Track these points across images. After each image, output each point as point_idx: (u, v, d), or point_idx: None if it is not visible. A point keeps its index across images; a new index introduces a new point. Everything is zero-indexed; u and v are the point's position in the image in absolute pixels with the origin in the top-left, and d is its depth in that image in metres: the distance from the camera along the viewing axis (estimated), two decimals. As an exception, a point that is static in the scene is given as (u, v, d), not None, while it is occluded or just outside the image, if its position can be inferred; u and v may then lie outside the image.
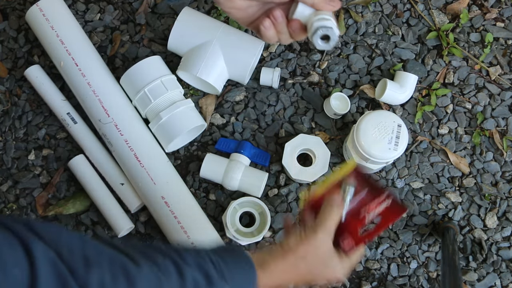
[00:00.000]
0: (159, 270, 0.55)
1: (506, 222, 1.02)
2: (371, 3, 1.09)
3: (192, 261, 0.59)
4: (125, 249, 0.55)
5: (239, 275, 0.63)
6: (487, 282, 1.00)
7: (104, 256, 0.52)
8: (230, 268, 0.62)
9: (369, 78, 1.07)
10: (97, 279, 0.50)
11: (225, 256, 0.63)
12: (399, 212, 0.79)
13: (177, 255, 0.58)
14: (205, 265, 0.60)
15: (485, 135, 1.05)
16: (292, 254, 0.69)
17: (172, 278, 0.56)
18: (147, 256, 0.56)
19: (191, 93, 1.07)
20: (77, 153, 1.02)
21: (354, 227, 0.78)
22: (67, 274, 0.48)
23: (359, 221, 0.79)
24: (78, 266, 0.50)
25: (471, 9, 1.10)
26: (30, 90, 1.06)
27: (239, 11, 0.78)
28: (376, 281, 1.00)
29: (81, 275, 0.49)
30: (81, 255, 0.50)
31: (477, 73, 1.07)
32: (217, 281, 0.59)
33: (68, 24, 1.02)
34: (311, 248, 0.70)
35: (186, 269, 0.57)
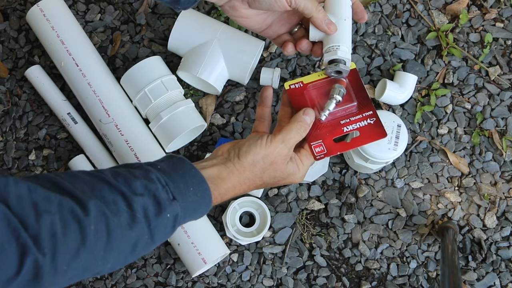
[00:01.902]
0: (107, 208, 0.56)
1: (506, 222, 1.02)
2: (370, 4, 1.10)
3: (141, 188, 0.59)
4: (71, 190, 0.55)
5: (192, 194, 0.63)
6: (486, 281, 1.00)
7: (52, 203, 0.53)
8: (181, 188, 0.62)
9: (368, 78, 1.07)
10: (48, 228, 0.51)
11: (175, 176, 0.62)
12: (378, 134, 0.77)
13: (126, 185, 0.58)
14: (155, 190, 0.59)
15: (485, 135, 1.05)
16: (250, 171, 0.68)
17: (121, 213, 0.56)
18: (94, 193, 0.56)
19: (191, 93, 1.07)
20: (77, 153, 1.03)
21: (330, 134, 0.76)
22: (19, 226, 0.49)
23: (337, 129, 0.77)
24: (29, 216, 0.50)
25: (471, 9, 1.10)
26: (31, 90, 1.07)
27: (246, 20, 0.78)
28: (376, 280, 1.00)
29: (32, 225, 0.50)
30: (30, 204, 0.51)
31: (477, 73, 1.08)
32: (167, 205, 0.60)
33: (69, 25, 1.02)
34: (270, 164, 0.69)
35: (134, 199, 0.58)
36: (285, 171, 0.70)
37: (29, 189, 0.52)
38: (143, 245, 0.59)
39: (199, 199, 0.64)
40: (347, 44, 0.76)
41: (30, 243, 0.50)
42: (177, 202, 0.61)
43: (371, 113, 0.78)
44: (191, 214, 0.64)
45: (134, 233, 0.57)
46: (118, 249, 0.57)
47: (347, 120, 0.78)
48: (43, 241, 0.50)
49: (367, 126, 0.77)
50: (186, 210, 0.62)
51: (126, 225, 0.57)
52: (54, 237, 0.51)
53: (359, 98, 0.78)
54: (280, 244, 1.01)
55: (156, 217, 0.59)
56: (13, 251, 0.49)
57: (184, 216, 0.63)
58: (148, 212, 0.58)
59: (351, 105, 0.77)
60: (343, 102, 0.77)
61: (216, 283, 1.00)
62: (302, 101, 0.77)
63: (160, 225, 0.60)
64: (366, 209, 1.02)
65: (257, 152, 0.68)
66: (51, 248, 0.51)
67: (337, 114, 0.77)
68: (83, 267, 0.54)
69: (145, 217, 0.58)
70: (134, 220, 0.57)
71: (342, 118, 0.78)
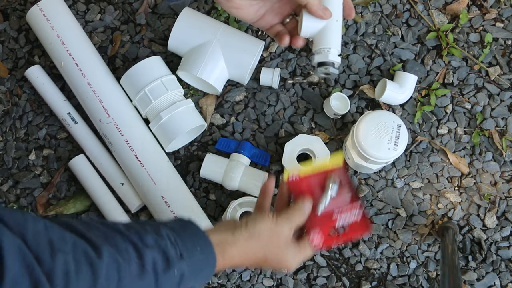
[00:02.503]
0: (119, 255, 0.56)
1: (506, 222, 1.02)
2: (370, 4, 1.10)
3: (152, 242, 0.60)
4: (86, 233, 0.56)
5: (199, 253, 0.64)
6: (486, 281, 1.00)
7: (67, 243, 0.53)
8: (189, 247, 0.63)
9: (368, 78, 1.07)
10: (62, 267, 0.51)
11: (184, 235, 0.64)
12: (364, 228, 0.81)
13: (137, 237, 0.59)
14: (165, 246, 0.61)
15: (485, 135, 1.05)
16: (256, 241, 0.69)
17: (131, 262, 0.57)
18: (108, 240, 0.57)
19: (191, 93, 1.07)
20: (77, 153, 1.03)
21: (326, 226, 0.81)
22: (34, 262, 0.50)
23: (331, 221, 0.81)
24: (44, 253, 0.51)
25: (471, 9, 1.10)
26: (31, 90, 1.07)
27: (239, 10, 0.79)
28: (376, 280, 1.00)
29: (47, 262, 0.51)
30: (46, 241, 0.52)
31: (477, 73, 1.08)
32: (175, 262, 0.60)
33: (69, 25, 1.02)
34: (274, 238, 0.70)
35: (145, 251, 0.59)
36: (283, 253, 0.72)
37: (46, 226, 0.53)
38: None
39: (204, 260, 0.65)
40: (338, 46, 0.78)
41: (44, 279, 0.50)
42: (184, 261, 0.62)
43: (359, 209, 0.83)
44: (197, 274, 0.64)
45: (143, 283, 0.58)
46: None
47: (338, 215, 0.83)
48: (56, 279, 0.51)
49: (355, 221, 0.83)
50: (192, 270, 0.63)
51: (135, 275, 0.57)
52: (67, 276, 0.51)
53: (348, 193, 0.83)
54: (280, 244, 1.01)
55: (164, 272, 0.60)
56: (26, 286, 0.49)
57: (190, 277, 0.63)
58: (157, 266, 0.59)
59: (343, 201, 0.83)
60: (336, 198, 0.83)
61: (216, 283, 1.00)
62: (299, 193, 0.82)
63: (167, 281, 0.60)
64: (366, 209, 1.02)
65: (264, 223, 0.70)
66: (64, 286, 0.51)
67: (329, 208, 0.82)
68: None
69: (154, 271, 0.59)
70: (144, 271, 0.58)
71: (334, 210, 0.83)
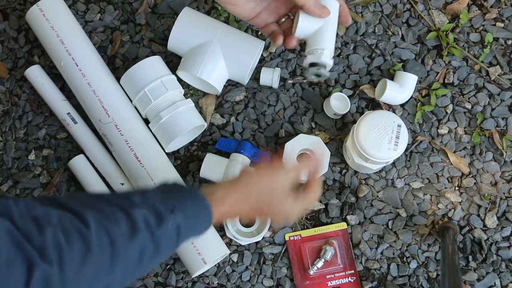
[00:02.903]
0: (105, 219, 0.56)
1: (506, 222, 1.02)
2: (371, 3, 1.09)
3: (139, 201, 0.60)
4: (69, 205, 0.56)
5: (190, 209, 0.63)
6: (486, 282, 1.00)
7: (52, 216, 0.53)
8: (180, 202, 0.62)
9: (369, 78, 1.07)
10: (52, 239, 0.51)
11: (171, 194, 0.64)
12: None
13: (123, 199, 0.59)
14: (153, 203, 0.60)
15: (485, 135, 1.05)
16: (247, 188, 0.69)
17: (120, 222, 0.57)
18: (92, 207, 0.57)
19: (191, 93, 1.07)
20: (77, 153, 1.02)
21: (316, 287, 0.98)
22: (23, 240, 0.50)
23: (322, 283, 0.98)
24: (32, 230, 0.51)
25: (471, 9, 1.10)
26: (31, 90, 1.06)
27: (235, 7, 0.80)
28: (376, 280, 1.00)
29: (36, 238, 0.51)
30: (31, 219, 0.52)
31: (477, 73, 1.07)
32: (167, 216, 0.60)
33: (69, 24, 1.02)
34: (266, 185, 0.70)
35: (134, 210, 0.58)
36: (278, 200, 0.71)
37: (27, 206, 0.53)
38: (150, 255, 0.59)
39: (198, 212, 0.64)
40: (331, 49, 0.79)
41: (36, 255, 0.50)
42: (177, 215, 0.61)
43: (353, 272, 0.98)
44: (194, 227, 0.64)
45: (137, 242, 0.58)
46: (125, 258, 0.57)
47: (332, 275, 0.98)
48: (48, 252, 0.51)
49: (347, 284, 0.98)
50: (187, 223, 0.62)
51: (127, 233, 0.57)
52: (59, 247, 0.51)
53: (345, 259, 0.99)
54: (280, 244, 1.01)
55: (158, 227, 0.59)
56: (19, 265, 0.49)
57: (187, 230, 0.63)
58: (149, 222, 0.59)
59: (337, 266, 0.99)
60: (331, 261, 0.98)
61: (216, 283, 1.00)
62: (298, 252, 0.99)
63: (164, 235, 0.60)
64: (366, 209, 1.02)
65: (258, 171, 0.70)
66: (58, 258, 0.51)
67: (324, 269, 0.98)
68: (92, 276, 0.54)
69: (147, 227, 0.58)
70: (136, 229, 0.58)
71: (328, 273, 0.98)
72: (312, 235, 1.00)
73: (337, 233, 1.00)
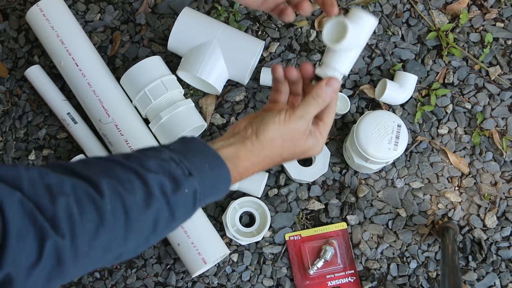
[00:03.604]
0: (121, 186, 0.54)
1: (506, 222, 1.02)
2: (371, 3, 1.10)
3: (155, 167, 0.57)
4: (83, 172, 0.54)
5: (208, 170, 0.61)
6: (486, 282, 1.00)
7: (66, 185, 0.52)
8: (196, 165, 0.60)
9: (369, 78, 1.07)
10: (64, 210, 0.50)
11: (188, 153, 0.61)
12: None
13: (138, 165, 0.57)
14: (169, 168, 0.58)
15: (485, 135, 1.05)
16: (269, 149, 0.66)
17: (136, 191, 0.55)
18: (107, 174, 0.55)
19: (191, 93, 1.07)
20: (77, 153, 1.02)
21: (316, 286, 0.98)
22: (35, 211, 0.49)
23: (322, 283, 0.98)
24: (44, 199, 0.50)
25: (471, 9, 1.10)
26: (31, 90, 1.06)
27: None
28: (376, 280, 1.00)
29: (48, 208, 0.49)
30: (43, 187, 0.50)
31: (477, 73, 1.08)
32: (183, 181, 0.58)
33: (69, 24, 1.02)
34: (288, 140, 0.66)
35: (149, 176, 0.56)
36: (305, 146, 0.68)
37: (40, 173, 0.52)
38: (164, 223, 0.57)
39: (216, 175, 0.61)
40: (346, 73, 0.71)
41: (48, 226, 0.49)
42: (194, 178, 0.59)
43: (353, 272, 0.98)
44: (211, 190, 0.61)
45: (152, 210, 0.56)
46: (139, 228, 0.55)
47: (332, 275, 0.99)
48: (60, 223, 0.49)
49: (347, 284, 0.98)
50: (204, 186, 0.60)
51: (142, 202, 0.55)
52: (71, 218, 0.50)
53: (345, 259, 0.99)
54: (280, 244, 1.01)
55: (174, 193, 0.57)
56: (31, 236, 0.48)
57: (204, 193, 0.60)
58: (165, 188, 0.56)
59: (337, 266, 0.99)
60: (331, 261, 0.98)
61: (216, 283, 1.00)
62: (298, 252, 0.99)
63: (179, 201, 0.57)
64: (366, 209, 1.02)
65: (275, 129, 0.66)
66: (70, 230, 0.50)
67: (324, 269, 0.99)
68: (104, 248, 0.53)
69: (163, 194, 0.56)
70: (151, 196, 0.55)
71: (328, 273, 0.99)
72: (312, 235, 1.00)
73: (337, 233, 1.00)
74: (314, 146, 0.69)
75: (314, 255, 1.00)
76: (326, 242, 0.99)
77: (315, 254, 1.00)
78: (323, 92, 0.68)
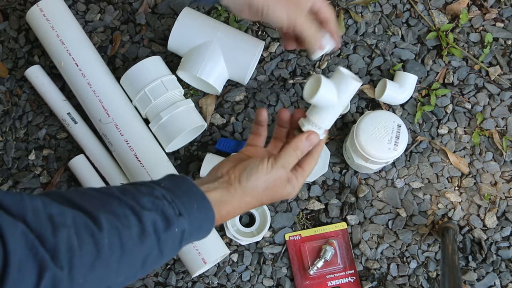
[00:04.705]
0: (118, 221, 0.56)
1: (506, 222, 1.02)
2: (370, 4, 1.10)
3: (149, 204, 0.60)
4: (82, 204, 0.56)
5: (196, 211, 0.64)
6: (486, 282, 1.00)
7: (67, 217, 0.53)
8: (186, 205, 0.63)
9: (369, 78, 1.07)
10: (65, 242, 0.51)
11: (179, 193, 0.63)
12: None
13: (133, 201, 0.59)
14: (163, 206, 0.60)
15: (485, 135, 1.05)
16: (251, 196, 0.69)
17: (132, 227, 0.57)
18: (105, 208, 0.57)
19: (191, 93, 1.07)
20: (77, 153, 1.03)
21: (316, 286, 0.98)
22: (37, 243, 0.50)
23: (322, 282, 0.98)
24: (46, 230, 0.51)
25: (471, 9, 1.10)
26: (31, 90, 1.06)
27: None
28: (376, 280, 1.00)
29: (50, 240, 0.51)
30: (46, 217, 0.52)
31: (477, 73, 1.08)
32: (174, 220, 0.60)
33: (69, 25, 1.02)
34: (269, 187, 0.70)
35: (144, 214, 0.59)
36: (282, 192, 0.72)
37: (43, 203, 0.53)
38: (153, 260, 0.60)
39: (203, 216, 0.65)
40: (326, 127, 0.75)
41: (48, 258, 0.50)
42: (184, 218, 0.62)
43: (353, 272, 0.99)
44: (197, 231, 0.65)
45: (144, 246, 0.58)
46: (130, 262, 0.57)
47: (332, 275, 0.99)
48: (60, 255, 0.51)
49: (347, 284, 0.98)
50: (192, 226, 0.63)
51: (137, 238, 0.57)
52: (71, 250, 0.52)
53: (345, 259, 0.99)
54: (280, 244, 1.01)
55: (165, 231, 0.60)
56: (30, 267, 0.49)
57: (191, 233, 0.63)
58: (157, 226, 0.59)
59: (337, 266, 0.99)
60: (331, 261, 0.99)
61: (216, 283, 1.00)
62: (298, 252, 0.99)
63: (168, 240, 0.60)
64: (366, 209, 1.02)
65: (258, 177, 0.69)
66: (68, 262, 0.51)
67: (324, 269, 0.99)
68: (97, 280, 0.55)
69: (155, 231, 0.59)
70: (145, 233, 0.58)
71: (328, 273, 0.99)
72: (312, 235, 1.00)
73: (337, 233, 1.00)
74: (290, 192, 0.73)
75: (314, 255, 1.00)
76: (326, 242, 0.99)
77: (315, 254, 1.00)
78: (302, 145, 0.72)
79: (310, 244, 1.00)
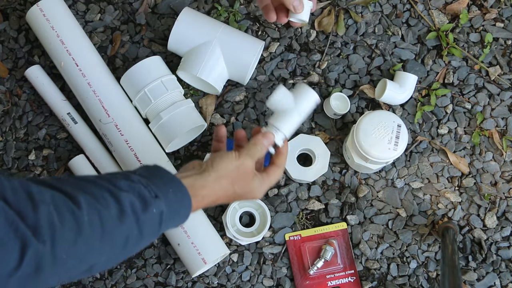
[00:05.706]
0: (97, 202, 0.58)
1: (506, 222, 1.02)
2: (371, 3, 1.10)
3: (125, 187, 0.61)
4: (61, 186, 0.57)
5: (172, 195, 0.65)
6: (486, 282, 1.00)
7: (46, 195, 0.54)
8: (162, 189, 0.64)
9: (369, 78, 1.07)
10: (46, 218, 0.52)
11: (154, 179, 0.65)
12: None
13: (110, 183, 0.61)
14: (139, 189, 0.62)
15: (485, 135, 1.05)
16: (225, 179, 0.72)
17: (110, 207, 0.58)
18: (83, 190, 0.58)
19: (191, 93, 1.07)
20: (77, 153, 1.03)
21: (316, 286, 0.98)
22: (17, 219, 0.50)
23: (322, 282, 0.98)
24: (26, 207, 0.51)
25: (471, 9, 1.10)
26: (31, 90, 1.06)
27: None
28: (376, 280, 1.00)
29: (30, 216, 0.51)
30: (25, 195, 0.52)
31: (477, 73, 1.08)
32: (151, 201, 0.62)
33: (69, 25, 1.02)
34: (240, 173, 0.74)
35: (121, 194, 0.60)
36: (250, 184, 0.75)
37: (21, 183, 0.54)
38: (134, 241, 0.61)
39: (179, 199, 0.66)
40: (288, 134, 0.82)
41: (29, 234, 0.50)
42: (160, 200, 0.63)
43: (353, 272, 0.99)
44: (175, 214, 0.66)
45: (124, 226, 0.59)
46: (112, 242, 0.58)
47: (332, 275, 0.99)
48: (42, 230, 0.51)
49: (347, 284, 0.99)
50: (169, 209, 0.64)
51: (116, 218, 0.58)
52: (52, 225, 0.52)
53: (345, 259, 1.00)
54: (280, 244, 1.01)
55: (143, 212, 0.61)
56: (12, 244, 0.49)
57: (169, 217, 0.64)
58: (135, 207, 0.60)
59: (337, 266, 0.99)
60: (331, 261, 0.99)
61: (216, 283, 1.00)
62: (298, 252, 1.00)
63: (147, 220, 0.61)
64: (366, 209, 1.02)
65: (230, 162, 0.73)
66: (50, 236, 0.52)
67: (324, 269, 0.99)
68: (80, 257, 0.55)
69: (133, 212, 0.60)
70: (123, 213, 0.59)
71: (328, 273, 0.99)
72: (312, 235, 1.00)
73: (337, 233, 1.00)
74: (257, 187, 0.76)
75: (314, 255, 1.00)
76: (326, 242, 0.99)
77: (315, 254, 1.00)
78: (259, 141, 0.78)
79: (310, 244, 1.00)
